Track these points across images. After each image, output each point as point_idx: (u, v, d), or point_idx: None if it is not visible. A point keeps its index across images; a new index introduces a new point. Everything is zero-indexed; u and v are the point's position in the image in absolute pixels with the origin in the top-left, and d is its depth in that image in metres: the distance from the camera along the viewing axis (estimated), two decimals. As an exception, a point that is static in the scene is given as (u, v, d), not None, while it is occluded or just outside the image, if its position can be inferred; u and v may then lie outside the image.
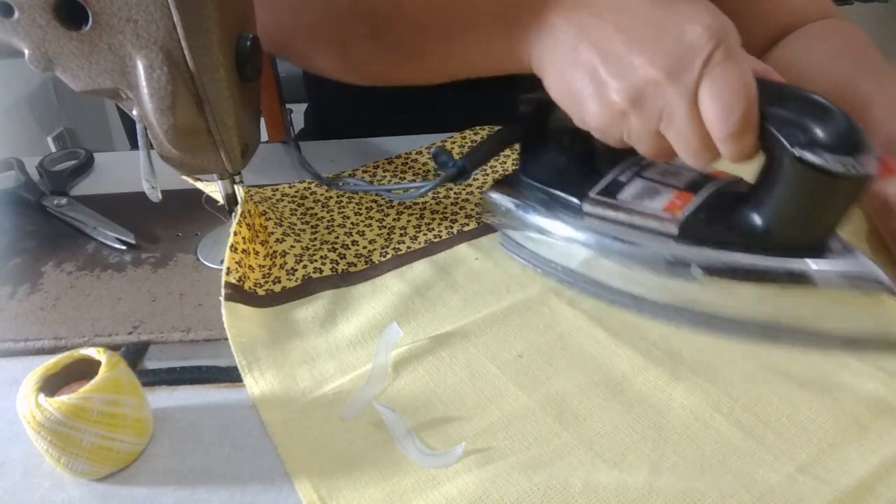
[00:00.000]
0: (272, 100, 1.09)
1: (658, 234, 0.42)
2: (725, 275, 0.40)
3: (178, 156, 0.43)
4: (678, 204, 0.43)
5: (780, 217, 0.39)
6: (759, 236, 0.40)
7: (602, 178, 0.46)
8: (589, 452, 0.36)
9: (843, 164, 0.35)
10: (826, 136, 0.35)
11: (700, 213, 0.42)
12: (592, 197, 0.45)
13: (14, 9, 0.37)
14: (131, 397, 0.37)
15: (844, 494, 0.33)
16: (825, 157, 0.35)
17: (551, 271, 0.48)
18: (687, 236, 0.41)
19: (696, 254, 0.41)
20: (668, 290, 0.43)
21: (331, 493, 0.35)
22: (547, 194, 0.47)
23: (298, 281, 0.49)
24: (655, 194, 0.44)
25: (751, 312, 0.41)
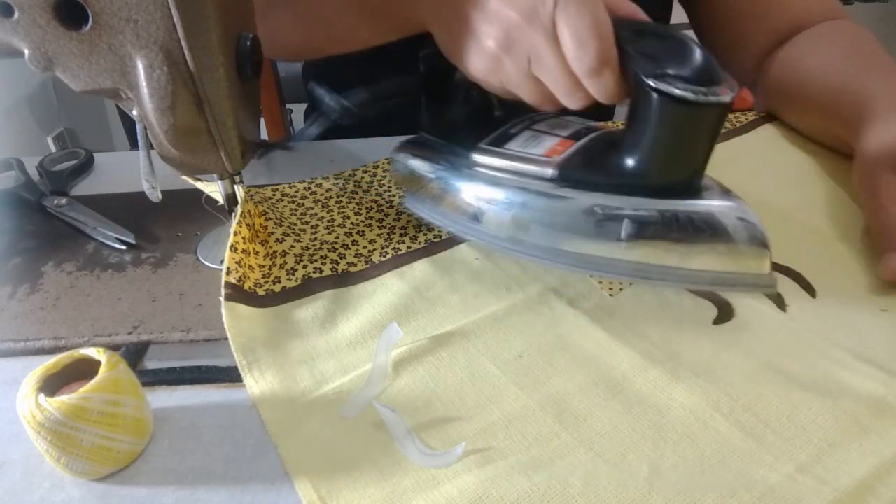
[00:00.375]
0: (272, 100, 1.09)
1: (537, 178, 0.43)
2: (598, 217, 0.41)
3: (178, 156, 0.43)
4: (558, 150, 0.44)
5: (648, 155, 0.40)
6: (633, 177, 0.41)
7: (495, 131, 0.47)
8: (589, 452, 0.36)
9: (694, 93, 0.36)
10: (683, 69, 0.36)
11: (576, 157, 0.43)
12: (481, 147, 0.46)
13: (14, 9, 0.37)
14: (131, 397, 0.37)
15: (844, 494, 0.33)
16: (680, 86, 0.36)
17: (447, 223, 0.48)
18: (563, 179, 0.42)
19: (570, 195, 0.42)
20: (546, 237, 0.43)
21: (331, 493, 0.35)
22: (440, 148, 0.49)
23: (298, 281, 0.49)
24: (540, 142, 0.45)
25: (621, 254, 0.41)
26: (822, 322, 0.43)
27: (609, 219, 0.41)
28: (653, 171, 0.40)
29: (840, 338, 0.42)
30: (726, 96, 0.36)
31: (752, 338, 0.43)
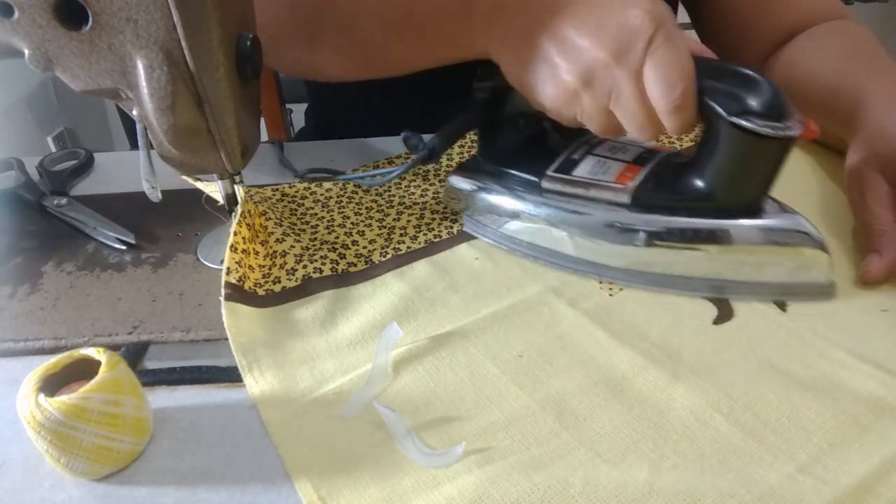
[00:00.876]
0: (272, 100, 1.09)
1: (612, 203, 0.46)
2: (675, 238, 0.44)
3: (178, 156, 0.43)
4: (628, 175, 0.46)
5: (719, 180, 0.43)
6: (702, 200, 0.44)
7: (557, 157, 0.50)
8: (589, 452, 0.36)
9: (771, 128, 0.39)
10: (756, 105, 0.40)
11: (648, 183, 0.46)
12: (549, 174, 0.48)
13: (14, 9, 0.37)
14: (131, 397, 0.37)
15: (844, 494, 0.33)
16: (755, 122, 0.39)
17: (515, 247, 0.50)
18: (638, 204, 0.45)
19: (648, 220, 0.45)
20: (623, 256, 0.46)
21: (331, 493, 0.35)
22: (505, 175, 0.51)
23: (298, 281, 0.49)
24: (607, 168, 0.48)
25: (698, 270, 0.45)
26: (822, 322, 0.43)
27: (686, 238, 0.44)
28: (724, 195, 0.44)
29: (840, 338, 0.42)
30: (797, 130, 0.40)
31: (752, 338, 0.43)
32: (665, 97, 0.40)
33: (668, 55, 0.40)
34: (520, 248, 0.50)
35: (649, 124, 0.42)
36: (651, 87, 0.41)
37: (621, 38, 0.40)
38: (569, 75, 0.42)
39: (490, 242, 0.52)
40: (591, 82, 0.42)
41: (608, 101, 0.42)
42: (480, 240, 0.52)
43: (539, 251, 0.49)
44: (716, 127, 0.42)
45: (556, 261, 0.49)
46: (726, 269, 0.45)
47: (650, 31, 0.40)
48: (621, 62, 0.40)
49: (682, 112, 0.41)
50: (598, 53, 0.41)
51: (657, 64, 0.40)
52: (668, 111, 0.41)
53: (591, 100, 0.43)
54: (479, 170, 0.53)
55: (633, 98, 0.41)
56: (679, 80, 0.40)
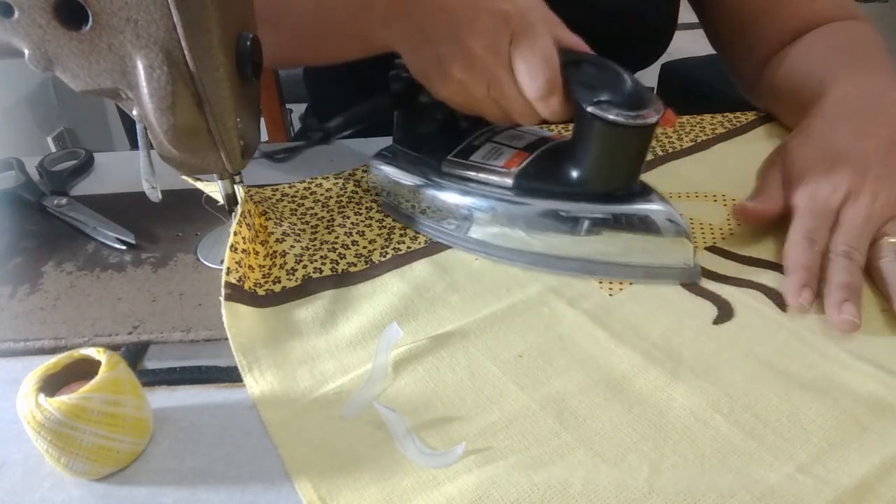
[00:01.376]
0: (272, 100, 1.09)
1: (497, 187, 0.50)
2: (549, 220, 0.47)
3: (178, 156, 0.43)
4: (515, 161, 0.50)
5: (588, 166, 0.47)
6: (576, 185, 0.47)
7: (460, 143, 0.53)
8: (589, 452, 0.36)
9: (625, 117, 0.42)
10: (614, 96, 0.43)
11: (531, 168, 0.49)
12: (449, 159, 0.52)
13: (14, 9, 0.37)
14: (131, 397, 0.37)
15: (844, 494, 0.33)
16: (612, 111, 0.42)
17: (421, 228, 0.54)
18: (519, 188, 0.49)
19: (525, 203, 0.48)
20: (506, 236, 0.49)
21: (331, 493, 0.35)
22: (415, 159, 0.54)
23: (298, 281, 0.49)
24: (500, 154, 0.51)
25: (569, 252, 0.48)
26: (822, 322, 0.43)
27: (559, 221, 0.47)
28: (594, 181, 0.47)
29: (840, 338, 0.42)
30: (652, 119, 0.43)
31: (752, 338, 0.43)
32: (530, 86, 0.44)
33: (531, 47, 0.43)
34: (424, 229, 0.53)
35: (526, 112, 0.46)
36: (519, 76, 0.44)
37: (492, 31, 0.44)
38: (453, 66, 0.46)
39: (400, 220, 0.55)
40: (471, 73, 0.45)
41: (488, 90, 0.46)
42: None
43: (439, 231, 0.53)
44: (580, 116, 0.45)
45: (448, 239, 0.52)
46: (596, 252, 0.47)
47: (514, 23, 0.44)
48: (493, 54, 0.44)
49: (547, 100, 0.44)
50: (474, 46, 0.44)
51: (521, 55, 0.43)
52: (536, 98, 0.44)
53: (474, 88, 0.46)
54: (395, 155, 0.56)
55: (507, 87, 0.45)
56: (541, 70, 0.43)
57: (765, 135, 0.65)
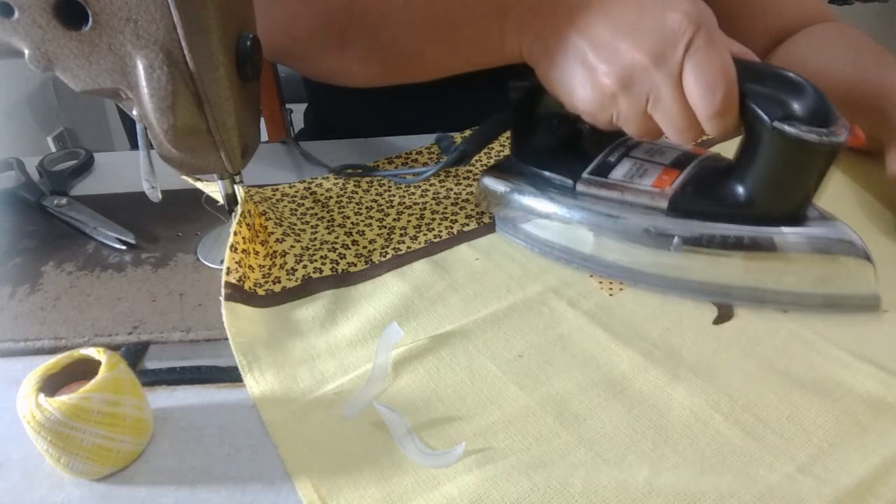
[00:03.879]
0: (272, 100, 1.09)
1: (649, 208, 0.45)
2: (713, 244, 0.43)
3: (178, 156, 0.43)
4: (666, 180, 0.45)
5: (762, 187, 0.42)
6: (743, 207, 0.43)
7: (592, 160, 0.48)
8: (589, 452, 0.36)
9: (816, 134, 0.38)
10: (800, 110, 0.38)
11: (687, 188, 0.45)
12: (585, 177, 0.47)
13: (14, 9, 0.37)
14: (131, 397, 0.37)
15: (844, 494, 0.33)
16: (800, 128, 0.38)
17: (548, 250, 0.50)
18: (676, 209, 0.44)
19: (686, 226, 0.44)
20: (659, 263, 0.45)
21: (331, 493, 0.35)
22: (539, 176, 0.50)
23: (298, 281, 0.49)
24: (644, 172, 0.46)
25: (738, 280, 0.44)
26: (822, 322, 0.43)
27: (725, 245, 0.43)
28: (766, 202, 0.42)
29: (840, 338, 0.42)
30: (842, 136, 0.38)
31: (752, 338, 0.43)
32: (706, 101, 0.39)
33: (709, 58, 0.39)
34: (553, 252, 0.49)
35: (689, 128, 0.41)
36: (691, 90, 0.40)
37: (660, 40, 0.39)
38: (606, 78, 0.41)
39: (521, 244, 0.51)
40: (629, 85, 0.41)
41: (646, 105, 0.41)
42: (482, 240, 0.52)
43: (572, 255, 0.49)
44: (758, 132, 0.40)
45: (590, 265, 0.48)
46: (766, 279, 0.43)
47: (690, 33, 0.39)
48: (660, 65, 0.40)
49: (723, 116, 0.40)
50: (637, 56, 0.40)
51: (697, 67, 0.39)
52: (709, 115, 0.40)
53: (628, 103, 0.42)
54: (512, 171, 0.52)
55: (672, 102, 0.40)
56: (720, 84, 0.39)
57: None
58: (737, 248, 0.42)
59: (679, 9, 0.39)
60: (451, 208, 0.56)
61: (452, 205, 0.57)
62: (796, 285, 0.43)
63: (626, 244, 0.46)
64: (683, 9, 0.39)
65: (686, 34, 0.39)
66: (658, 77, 0.40)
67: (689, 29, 0.39)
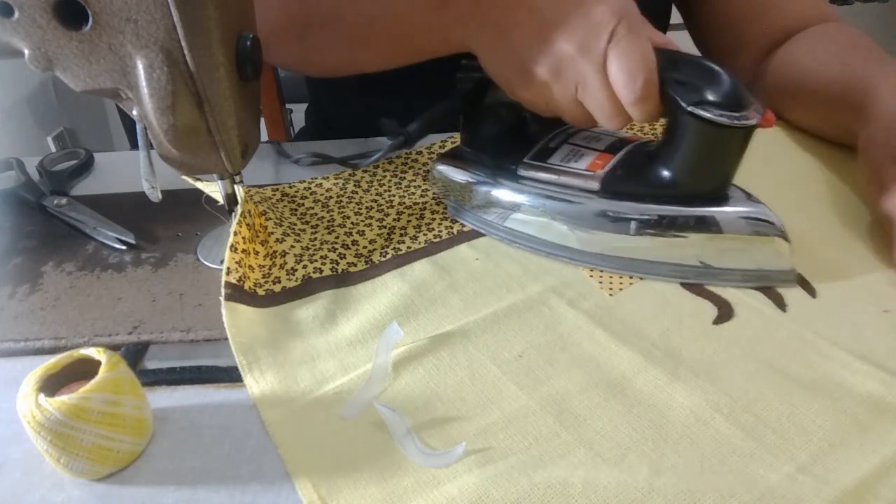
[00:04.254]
0: (272, 100, 1.09)
1: (583, 190, 0.48)
2: (642, 225, 0.46)
3: (178, 156, 0.43)
4: (599, 164, 0.48)
5: (684, 168, 0.45)
6: (668, 187, 0.46)
7: (534, 146, 0.52)
8: (589, 452, 0.36)
9: (728, 118, 0.41)
10: (715, 95, 0.41)
11: (617, 170, 0.48)
12: (526, 161, 0.50)
13: (14, 9, 0.37)
14: (131, 397, 0.37)
15: (844, 494, 0.33)
16: (713, 111, 0.41)
17: (495, 232, 0.52)
18: (607, 191, 0.47)
19: (615, 206, 0.47)
20: (593, 242, 0.48)
21: (331, 493, 0.35)
22: (486, 162, 0.53)
23: (298, 281, 0.49)
24: (580, 156, 0.50)
25: (666, 256, 0.47)
26: (822, 322, 0.43)
27: (650, 225, 0.46)
28: (689, 183, 0.45)
29: (840, 338, 0.42)
30: (754, 119, 0.41)
31: (752, 338, 0.43)
32: (627, 88, 0.42)
33: (630, 47, 0.42)
34: (499, 233, 0.52)
35: (616, 114, 0.44)
36: (614, 78, 0.42)
37: (585, 32, 0.42)
38: (538, 67, 0.44)
39: (472, 226, 0.54)
40: (558, 74, 0.44)
41: (576, 93, 0.44)
42: (482, 240, 0.53)
43: (514, 235, 0.51)
44: (677, 117, 0.43)
45: (531, 244, 0.51)
46: (691, 256, 0.46)
47: (612, 24, 0.42)
48: (586, 55, 0.42)
49: (644, 102, 0.42)
50: (564, 46, 0.43)
51: (619, 56, 0.42)
52: (632, 101, 0.42)
53: (560, 91, 0.45)
54: (462, 157, 0.54)
55: (598, 89, 0.43)
56: (640, 72, 0.42)
57: (765, 134, 0.65)
58: (661, 228, 0.45)
59: (603, 1, 0.42)
60: (451, 208, 0.56)
61: (452, 205, 0.57)
62: (718, 262, 0.46)
63: (563, 225, 0.49)
64: (607, 1, 0.42)
65: (609, 25, 0.42)
66: (584, 66, 0.43)
67: (611, 20, 0.42)
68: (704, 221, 0.45)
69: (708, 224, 0.44)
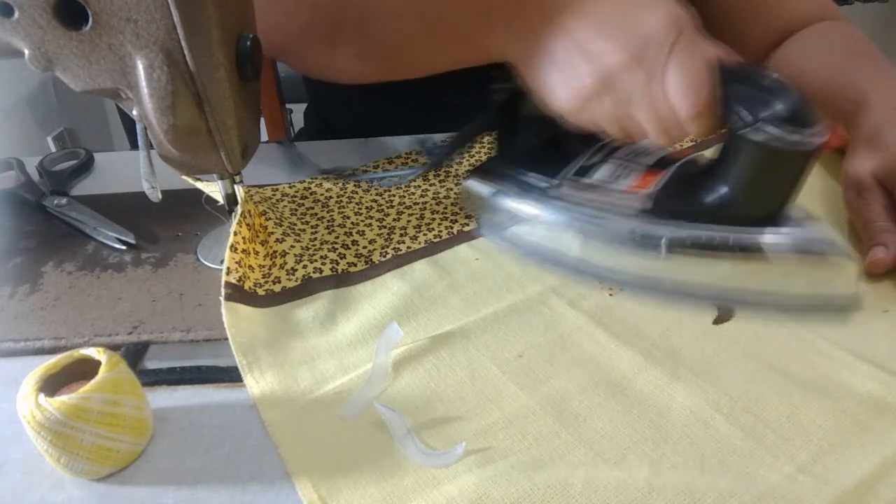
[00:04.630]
0: (272, 100, 1.09)
1: (630, 209, 0.45)
2: (694, 247, 0.43)
3: (178, 156, 0.43)
4: (648, 181, 0.45)
5: (743, 188, 0.42)
6: (724, 208, 0.43)
7: (574, 161, 0.49)
8: (589, 452, 0.36)
9: (795, 136, 0.38)
10: (780, 111, 0.38)
11: (669, 189, 0.45)
12: (567, 178, 0.48)
13: (14, 9, 0.37)
14: (131, 397, 0.37)
15: (844, 494, 0.33)
16: (780, 129, 0.38)
17: (530, 252, 0.50)
18: (657, 211, 0.44)
19: (667, 227, 0.44)
20: (639, 265, 0.45)
21: (331, 493, 0.35)
22: (521, 178, 0.50)
23: (298, 281, 0.49)
24: (626, 173, 0.47)
25: (719, 282, 0.44)
26: (822, 322, 0.43)
27: (705, 247, 0.43)
28: (747, 204, 0.42)
29: (840, 338, 0.42)
30: (819, 139, 0.39)
31: (752, 338, 0.43)
32: (687, 102, 0.40)
33: (691, 59, 0.40)
34: (536, 254, 0.49)
35: (671, 129, 0.42)
36: (673, 91, 0.40)
37: (643, 42, 0.40)
38: (589, 78, 0.41)
39: (506, 246, 0.51)
40: (611, 86, 0.41)
41: (628, 105, 0.42)
42: (482, 240, 0.52)
43: (556, 256, 0.48)
44: (737, 133, 0.40)
45: (571, 267, 0.48)
46: (748, 280, 0.43)
47: (673, 35, 0.40)
48: (643, 66, 0.40)
49: (704, 117, 0.40)
50: (620, 57, 0.40)
51: (679, 68, 0.39)
52: (690, 116, 0.40)
53: (610, 103, 0.42)
54: (495, 172, 0.52)
55: (654, 102, 0.41)
56: (701, 86, 0.39)
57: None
58: (718, 250, 0.42)
59: (661, 11, 0.40)
60: (451, 208, 0.56)
61: (452, 205, 0.57)
62: (777, 286, 0.43)
63: (607, 246, 0.46)
64: (667, 11, 0.40)
65: (669, 36, 0.39)
66: (641, 78, 0.40)
67: (672, 31, 0.40)
68: (764, 243, 0.42)
69: (768, 247, 0.42)
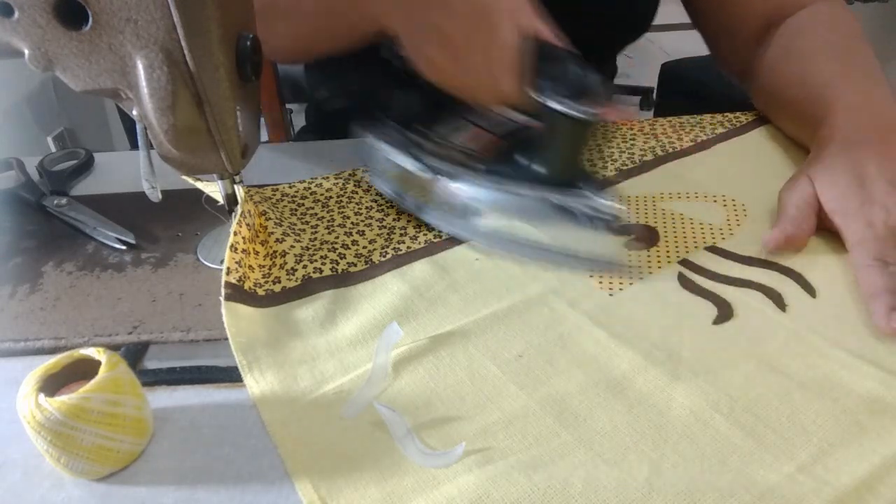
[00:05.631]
0: (272, 100, 1.09)
1: (469, 169, 0.52)
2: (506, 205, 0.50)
3: (178, 156, 0.43)
4: (489, 146, 0.53)
5: (542, 154, 0.49)
6: (535, 172, 0.49)
7: (443, 124, 0.55)
8: (589, 452, 0.36)
9: (575, 109, 0.44)
10: (565, 86, 0.44)
11: (501, 154, 0.52)
12: (431, 137, 0.54)
13: (14, 9, 0.37)
14: (131, 397, 0.37)
15: (844, 494, 0.33)
16: (555, 100, 0.44)
17: (400, 200, 0.56)
18: (491, 171, 0.51)
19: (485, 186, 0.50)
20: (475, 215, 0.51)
21: (331, 493, 0.35)
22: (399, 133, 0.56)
23: (298, 281, 0.49)
24: (476, 137, 0.54)
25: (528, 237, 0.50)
26: (822, 322, 0.43)
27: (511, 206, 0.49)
28: (547, 169, 0.49)
29: (840, 338, 0.42)
30: (593, 112, 0.44)
31: (752, 338, 0.43)
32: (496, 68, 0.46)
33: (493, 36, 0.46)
34: (403, 202, 0.55)
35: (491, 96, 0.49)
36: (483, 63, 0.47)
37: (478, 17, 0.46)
38: (436, 49, 0.48)
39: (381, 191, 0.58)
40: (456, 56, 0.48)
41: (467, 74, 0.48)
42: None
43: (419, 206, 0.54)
44: (535, 105, 0.46)
45: (421, 214, 0.54)
46: (548, 239, 0.49)
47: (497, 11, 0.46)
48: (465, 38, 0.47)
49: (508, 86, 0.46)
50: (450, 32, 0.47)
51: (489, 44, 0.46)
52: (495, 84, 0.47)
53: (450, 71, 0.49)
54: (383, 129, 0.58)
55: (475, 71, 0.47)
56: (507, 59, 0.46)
57: (765, 135, 0.65)
58: (521, 211, 0.49)
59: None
60: (451, 208, 0.56)
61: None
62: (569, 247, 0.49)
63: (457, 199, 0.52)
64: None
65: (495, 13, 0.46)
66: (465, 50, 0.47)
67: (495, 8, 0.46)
68: (555, 208, 0.48)
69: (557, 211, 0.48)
